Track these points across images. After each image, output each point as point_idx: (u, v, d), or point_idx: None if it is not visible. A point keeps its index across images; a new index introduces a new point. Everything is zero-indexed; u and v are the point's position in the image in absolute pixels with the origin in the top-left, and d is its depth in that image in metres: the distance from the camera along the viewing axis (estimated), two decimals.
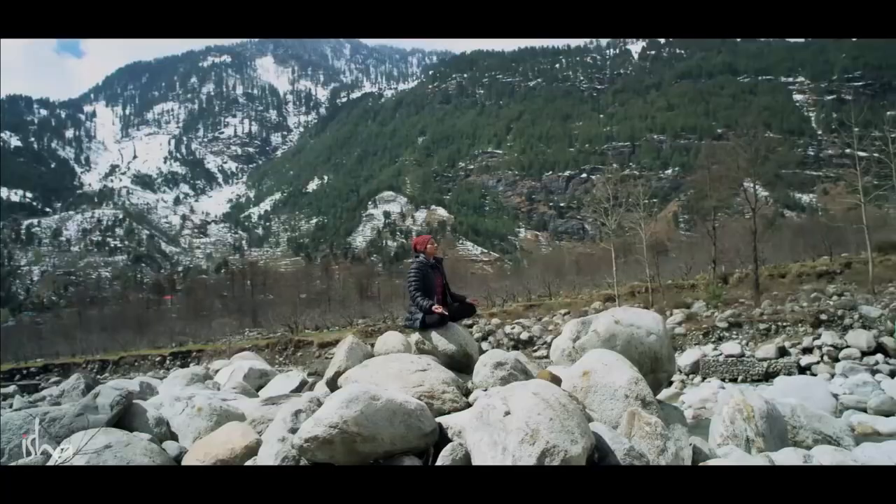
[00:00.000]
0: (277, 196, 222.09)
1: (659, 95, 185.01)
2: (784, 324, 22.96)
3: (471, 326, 31.27)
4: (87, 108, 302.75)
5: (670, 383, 16.86)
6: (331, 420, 4.68)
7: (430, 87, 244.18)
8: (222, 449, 5.43)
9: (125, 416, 7.20)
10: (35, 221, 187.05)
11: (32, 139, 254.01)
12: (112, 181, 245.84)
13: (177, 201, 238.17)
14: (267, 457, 5.33)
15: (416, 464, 4.77)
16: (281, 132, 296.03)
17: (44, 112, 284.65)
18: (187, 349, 47.73)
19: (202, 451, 5.64)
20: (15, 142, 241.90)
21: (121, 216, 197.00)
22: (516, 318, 36.97)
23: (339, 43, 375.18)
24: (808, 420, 7.67)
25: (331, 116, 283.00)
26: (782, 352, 20.80)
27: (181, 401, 7.52)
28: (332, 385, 6.69)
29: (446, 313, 6.86)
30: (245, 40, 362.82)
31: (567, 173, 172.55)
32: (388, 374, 6.12)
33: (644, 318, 7.22)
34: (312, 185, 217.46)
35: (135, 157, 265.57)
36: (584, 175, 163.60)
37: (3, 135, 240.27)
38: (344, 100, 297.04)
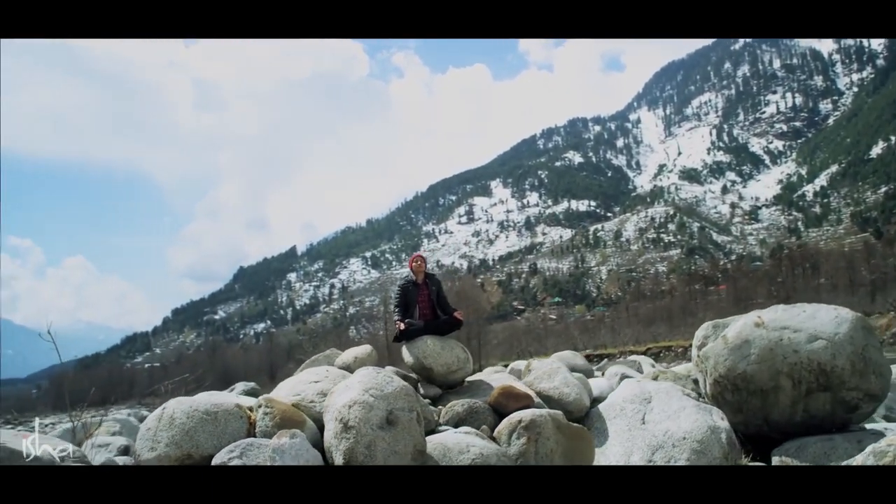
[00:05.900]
0: (834, 168, 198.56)
1: None
2: None
3: None
4: (632, 116, 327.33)
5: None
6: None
7: None
8: None
9: None
10: (599, 226, 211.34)
11: (591, 154, 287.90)
12: (661, 180, 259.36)
13: (724, 190, 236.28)
14: None
15: None
16: (830, 98, 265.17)
17: (597, 128, 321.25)
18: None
19: None
20: (577, 159, 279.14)
21: (671, 212, 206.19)
22: None
23: None
24: None
25: (892, 66, 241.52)
26: None
27: None
28: None
29: (402, 327, 7.47)
30: None
31: None
32: (289, 383, 6.50)
33: (814, 319, 5.89)
34: (876, 150, 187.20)
35: (679, 153, 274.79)
36: None
37: (568, 154, 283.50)
38: None
